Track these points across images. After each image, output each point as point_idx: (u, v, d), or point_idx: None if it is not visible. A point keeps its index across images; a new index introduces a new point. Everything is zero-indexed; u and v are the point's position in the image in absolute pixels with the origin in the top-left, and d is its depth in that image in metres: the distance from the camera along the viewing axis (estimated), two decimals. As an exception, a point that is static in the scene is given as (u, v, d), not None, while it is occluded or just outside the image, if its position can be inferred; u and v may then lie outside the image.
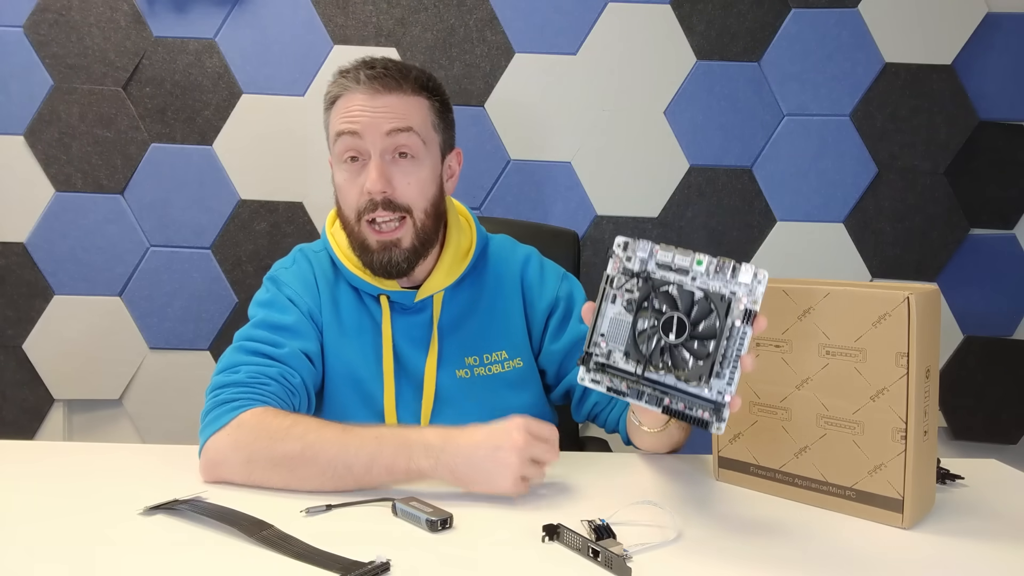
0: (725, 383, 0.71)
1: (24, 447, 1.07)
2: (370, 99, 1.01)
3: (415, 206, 1.03)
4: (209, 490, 0.85)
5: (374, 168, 1.01)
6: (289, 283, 1.09)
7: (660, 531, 0.78)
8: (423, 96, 1.05)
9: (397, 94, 1.02)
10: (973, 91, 1.76)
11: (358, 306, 1.09)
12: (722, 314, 0.71)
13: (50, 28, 1.74)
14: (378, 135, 1.01)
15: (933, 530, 0.81)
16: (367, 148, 1.02)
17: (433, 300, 1.09)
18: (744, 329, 0.71)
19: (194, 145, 1.78)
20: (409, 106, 1.03)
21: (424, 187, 1.04)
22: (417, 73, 1.05)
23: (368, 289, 1.08)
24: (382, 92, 1.02)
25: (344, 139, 1.02)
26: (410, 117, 1.02)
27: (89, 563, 0.69)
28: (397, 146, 1.02)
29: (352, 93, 1.03)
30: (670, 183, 1.80)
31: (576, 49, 1.78)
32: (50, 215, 1.78)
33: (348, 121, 1.02)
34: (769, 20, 1.77)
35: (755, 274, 0.71)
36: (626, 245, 0.75)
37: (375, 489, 0.87)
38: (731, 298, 0.71)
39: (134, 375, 1.82)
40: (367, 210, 1.02)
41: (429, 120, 1.06)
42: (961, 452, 1.85)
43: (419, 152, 1.03)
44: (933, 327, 0.82)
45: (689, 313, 0.72)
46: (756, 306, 0.71)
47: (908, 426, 0.79)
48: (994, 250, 1.80)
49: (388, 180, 1.01)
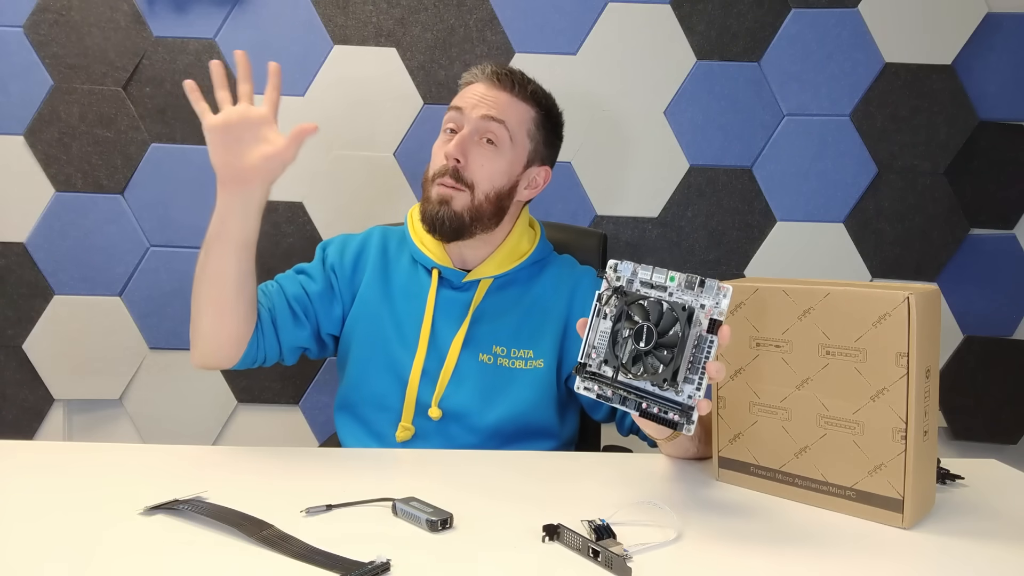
0: (694, 388, 0.78)
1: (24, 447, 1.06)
2: (485, 89, 1.16)
3: (479, 186, 1.13)
4: (209, 490, 0.85)
5: (458, 138, 1.13)
6: (335, 242, 1.25)
7: (660, 531, 0.78)
8: (531, 105, 1.18)
9: (509, 93, 1.16)
10: (973, 91, 1.76)
11: (411, 276, 1.20)
12: (684, 323, 0.78)
13: (50, 28, 1.74)
14: (475, 116, 1.14)
15: (933, 530, 0.81)
16: (463, 123, 1.14)
17: (479, 285, 1.18)
18: (710, 338, 0.77)
19: (194, 145, 1.78)
20: (513, 106, 1.16)
21: (494, 175, 1.14)
22: (535, 87, 1.20)
23: (425, 261, 1.19)
24: (497, 87, 1.16)
25: (450, 112, 1.17)
26: (508, 113, 1.15)
27: (89, 563, 0.69)
28: (486, 131, 1.14)
29: (475, 82, 1.18)
30: (670, 183, 1.80)
31: (576, 49, 1.78)
32: (50, 215, 1.78)
33: (460, 100, 1.17)
34: (769, 20, 1.77)
35: (719, 288, 0.78)
36: (615, 267, 0.84)
37: (231, 272, 1.03)
38: (693, 309, 0.78)
39: (134, 375, 1.82)
40: (441, 173, 1.14)
41: (527, 126, 1.18)
42: (961, 452, 1.85)
43: (503, 144, 1.14)
44: (933, 327, 0.82)
45: (657, 323, 0.79)
46: (721, 317, 0.77)
47: (908, 426, 0.79)
48: (994, 250, 1.80)
49: (464, 152, 1.13)
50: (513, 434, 1.13)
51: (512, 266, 1.19)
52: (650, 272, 0.81)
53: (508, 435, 1.13)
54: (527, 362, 1.16)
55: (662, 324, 0.79)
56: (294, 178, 1.79)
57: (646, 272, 0.82)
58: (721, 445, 0.94)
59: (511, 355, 1.16)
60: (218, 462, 0.97)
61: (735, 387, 0.92)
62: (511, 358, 1.15)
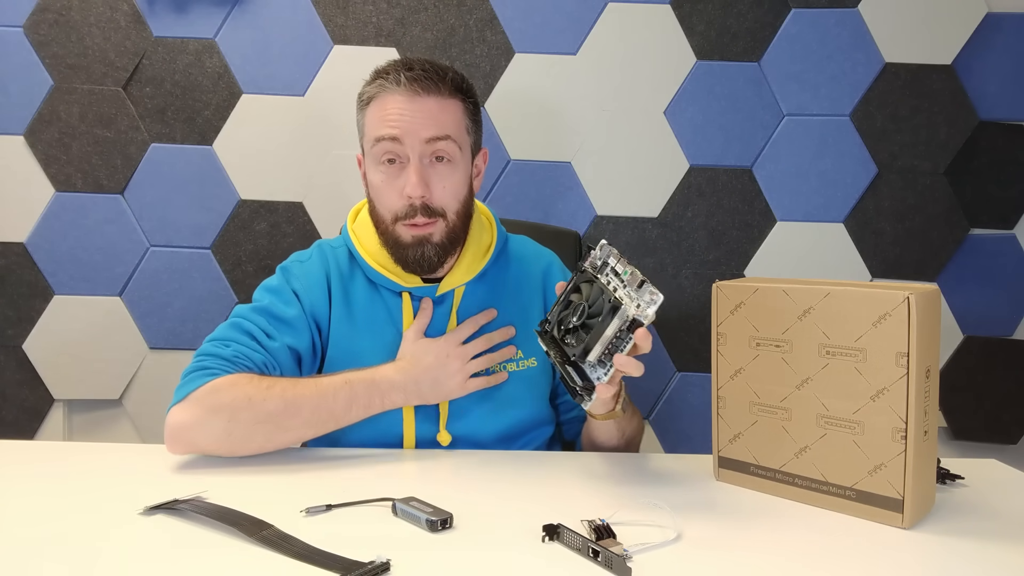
0: (604, 371, 0.86)
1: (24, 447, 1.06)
2: (409, 101, 1.03)
3: (448, 208, 1.06)
4: (209, 490, 0.85)
5: (414, 172, 1.03)
6: (300, 277, 1.12)
7: (660, 531, 0.78)
8: (458, 98, 1.07)
9: (435, 96, 1.04)
10: (973, 91, 1.76)
11: (373, 300, 1.12)
12: (606, 313, 0.85)
13: (50, 28, 1.74)
14: (417, 141, 1.03)
15: (933, 530, 0.81)
16: (406, 152, 1.04)
17: (454, 294, 1.12)
18: (628, 336, 0.84)
19: (194, 145, 1.78)
20: (446, 110, 1.05)
21: (458, 190, 1.07)
22: (453, 74, 1.07)
23: (390, 285, 1.10)
24: (421, 94, 1.03)
25: (383, 144, 1.04)
26: (447, 123, 1.05)
27: (89, 563, 0.69)
28: (435, 151, 1.05)
29: (390, 94, 1.04)
30: (670, 183, 1.80)
31: (576, 49, 1.78)
32: (50, 215, 1.78)
33: (388, 125, 1.03)
34: (769, 20, 1.77)
35: (652, 294, 0.84)
36: (601, 247, 0.90)
37: (350, 423, 1.01)
38: (620, 304, 0.84)
39: (134, 375, 1.82)
40: (406, 215, 1.05)
41: (463, 124, 1.08)
42: (961, 452, 1.85)
43: (455, 157, 1.06)
44: (933, 327, 0.82)
45: (591, 306, 0.87)
46: (644, 320, 0.84)
47: (908, 426, 0.79)
48: (994, 250, 1.80)
49: (427, 184, 1.04)
50: (517, 434, 1.13)
51: (481, 265, 1.13)
52: (617, 262, 0.88)
53: (512, 436, 1.12)
54: (518, 363, 1.13)
55: (594, 308, 0.87)
56: (294, 178, 1.79)
57: (615, 261, 0.88)
58: (721, 445, 0.94)
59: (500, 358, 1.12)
60: (218, 462, 0.97)
61: (735, 387, 0.92)
62: (501, 362, 1.11)
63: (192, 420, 0.95)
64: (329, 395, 0.99)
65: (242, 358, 1.02)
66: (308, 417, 0.98)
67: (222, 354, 1.02)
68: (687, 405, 1.83)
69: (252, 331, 1.06)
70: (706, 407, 0.99)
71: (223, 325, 1.08)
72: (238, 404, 0.95)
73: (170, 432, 0.96)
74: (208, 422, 0.95)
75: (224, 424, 0.94)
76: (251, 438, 0.96)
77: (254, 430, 0.96)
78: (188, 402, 0.96)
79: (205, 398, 0.95)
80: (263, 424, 0.96)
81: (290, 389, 0.98)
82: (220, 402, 0.95)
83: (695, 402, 1.83)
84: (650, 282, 0.85)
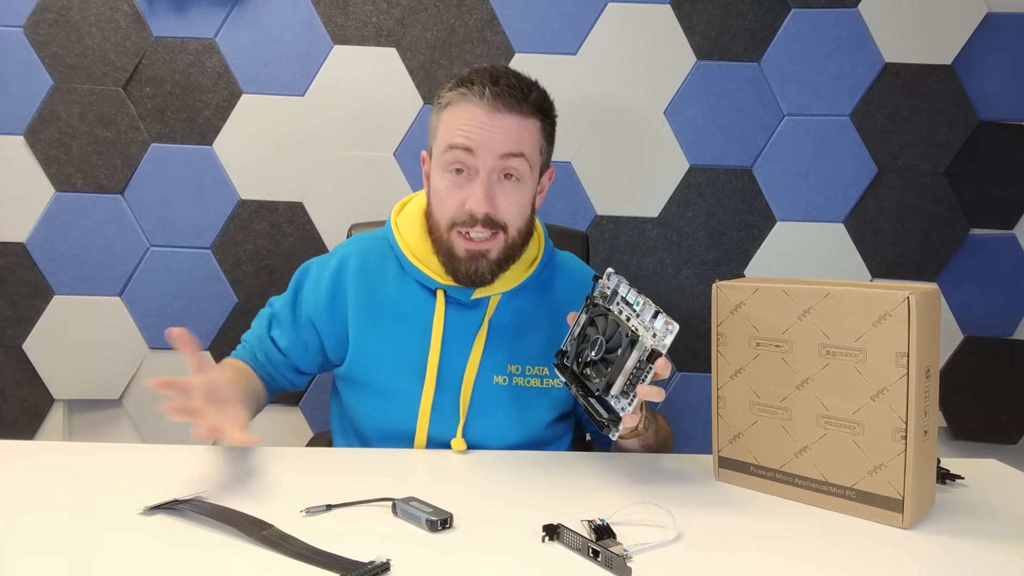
0: (628, 402, 0.87)
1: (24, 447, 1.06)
2: (489, 116, 1.01)
3: (511, 224, 1.05)
4: (209, 490, 0.85)
5: (480, 188, 1.02)
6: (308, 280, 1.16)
7: (660, 531, 0.78)
8: (538, 118, 1.05)
9: (516, 115, 1.02)
10: (973, 91, 1.76)
11: (403, 293, 1.11)
12: (626, 346, 0.86)
13: (50, 28, 1.74)
14: (491, 156, 1.01)
15: (933, 530, 0.81)
16: (476, 165, 1.02)
17: (489, 301, 1.10)
18: (648, 366, 0.85)
19: (194, 145, 1.78)
20: (524, 129, 1.03)
21: (523, 208, 1.06)
22: (537, 94, 1.05)
23: (425, 281, 1.10)
24: (502, 111, 1.01)
25: (455, 152, 1.02)
26: (523, 142, 1.03)
27: (89, 563, 0.69)
28: (506, 168, 1.03)
29: (472, 105, 1.02)
30: (670, 183, 1.80)
31: (576, 49, 1.78)
32: (50, 215, 1.78)
33: (463, 136, 1.01)
34: (769, 20, 1.77)
35: (666, 323, 0.85)
36: (609, 276, 0.92)
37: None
38: (638, 337, 0.86)
39: (134, 375, 1.82)
40: (464, 224, 1.03)
41: (539, 144, 1.06)
42: (961, 452, 1.85)
43: (524, 176, 1.05)
44: (933, 327, 0.82)
45: (609, 339, 0.89)
46: (662, 350, 0.85)
47: (908, 426, 0.79)
48: (994, 250, 1.80)
49: (492, 201, 1.02)
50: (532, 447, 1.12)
51: (524, 277, 1.11)
52: (628, 291, 0.90)
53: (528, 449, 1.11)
54: (543, 380, 1.10)
55: (612, 341, 0.88)
56: (294, 178, 1.79)
57: (625, 290, 0.90)
58: (721, 445, 0.94)
59: (526, 373, 1.10)
60: (218, 462, 0.97)
61: (735, 387, 0.92)
62: (526, 376, 1.09)
63: None
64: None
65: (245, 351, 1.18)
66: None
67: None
68: (687, 405, 1.83)
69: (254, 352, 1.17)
70: (706, 407, 0.99)
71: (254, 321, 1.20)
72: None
73: None
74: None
75: None
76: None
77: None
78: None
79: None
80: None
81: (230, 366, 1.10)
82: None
83: (695, 402, 1.83)
84: (663, 312, 0.85)
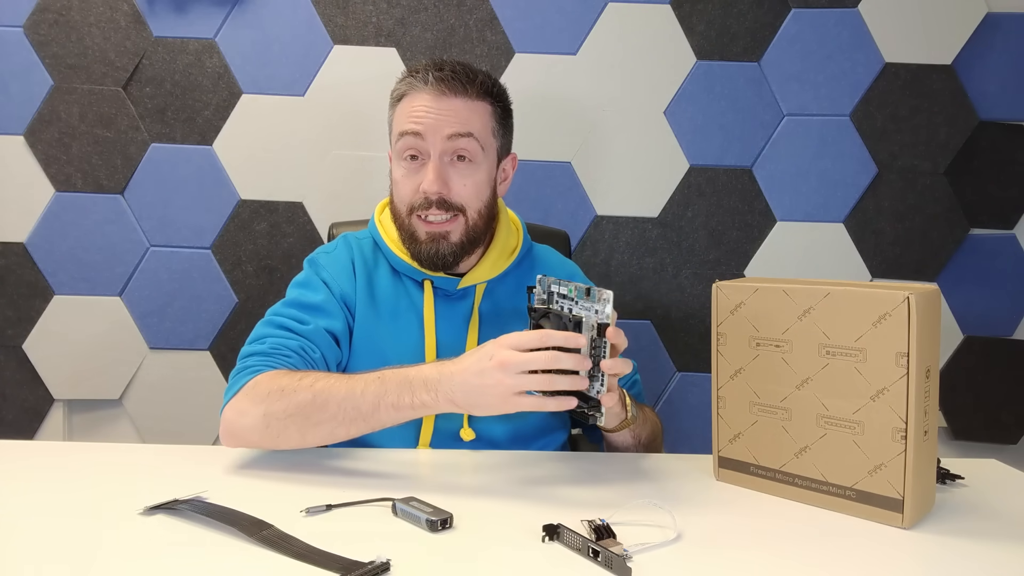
0: (600, 384, 0.87)
1: (24, 447, 1.06)
2: (435, 100, 1.05)
3: (469, 206, 1.08)
4: (209, 490, 0.85)
5: (432, 170, 1.05)
6: (326, 266, 1.14)
7: (660, 531, 0.78)
8: (487, 101, 1.09)
9: (462, 98, 1.06)
10: (973, 91, 1.76)
11: (397, 289, 1.13)
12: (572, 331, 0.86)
13: (50, 28, 1.74)
14: (439, 137, 1.05)
15: (933, 530, 0.81)
16: (427, 148, 1.05)
17: (476, 290, 1.13)
18: (602, 340, 0.85)
19: (194, 145, 1.78)
20: (472, 111, 1.06)
21: (479, 189, 1.08)
22: (483, 78, 1.08)
23: (412, 274, 1.12)
24: (448, 95, 1.05)
25: (406, 139, 1.06)
26: (471, 122, 1.06)
27: (89, 563, 0.69)
28: (456, 149, 1.06)
29: (418, 92, 1.06)
30: (670, 183, 1.80)
31: (576, 49, 1.78)
32: (50, 215, 1.78)
33: (412, 121, 1.05)
34: (769, 20, 1.77)
35: (599, 294, 0.85)
36: (540, 282, 0.92)
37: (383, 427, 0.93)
38: (580, 318, 0.86)
39: (134, 375, 1.82)
40: (421, 207, 1.06)
41: (490, 126, 1.09)
42: (961, 452, 1.85)
43: (477, 156, 1.07)
44: (933, 327, 0.82)
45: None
46: (606, 320, 0.85)
47: (908, 426, 0.79)
48: (994, 250, 1.80)
49: (445, 182, 1.06)
50: (532, 436, 1.12)
51: (506, 265, 1.15)
52: (559, 287, 0.90)
53: (527, 437, 1.12)
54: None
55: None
56: (294, 178, 1.79)
57: (557, 286, 0.90)
58: (721, 445, 0.94)
59: None
60: (218, 462, 0.97)
61: (735, 387, 0.92)
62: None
63: (237, 413, 0.97)
64: (358, 390, 0.92)
65: (280, 348, 1.03)
66: (335, 411, 0.92)
67: (260, 351, 1.03)
68: (687, 405, 1.83)
69: (283, 323, 1.07)
70: (706, 407, 0.99)
71: (258, 324, 1.09)
72: (273, 395, 0.95)
73: (222, 427, 0.99)
74: (249, 414, 0.96)
75: (262, 415, 0.95)
76: (286, 429, 0.94)
77: (287, 422, 0.94)
78: (236, 398, 0.98)
79: (249, 392, 0.97)
80: (294, 416, 0.93)
81: (321, 380, 0.94)
82: (259, 394, 0.96)
83: (695, 402, 1.83)
84: (594, 285, 0.87)
